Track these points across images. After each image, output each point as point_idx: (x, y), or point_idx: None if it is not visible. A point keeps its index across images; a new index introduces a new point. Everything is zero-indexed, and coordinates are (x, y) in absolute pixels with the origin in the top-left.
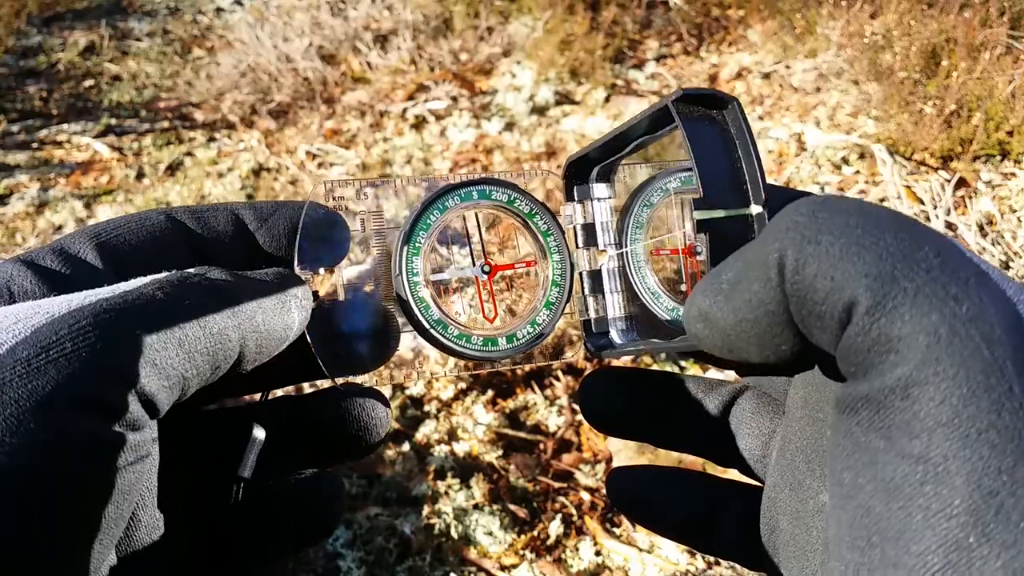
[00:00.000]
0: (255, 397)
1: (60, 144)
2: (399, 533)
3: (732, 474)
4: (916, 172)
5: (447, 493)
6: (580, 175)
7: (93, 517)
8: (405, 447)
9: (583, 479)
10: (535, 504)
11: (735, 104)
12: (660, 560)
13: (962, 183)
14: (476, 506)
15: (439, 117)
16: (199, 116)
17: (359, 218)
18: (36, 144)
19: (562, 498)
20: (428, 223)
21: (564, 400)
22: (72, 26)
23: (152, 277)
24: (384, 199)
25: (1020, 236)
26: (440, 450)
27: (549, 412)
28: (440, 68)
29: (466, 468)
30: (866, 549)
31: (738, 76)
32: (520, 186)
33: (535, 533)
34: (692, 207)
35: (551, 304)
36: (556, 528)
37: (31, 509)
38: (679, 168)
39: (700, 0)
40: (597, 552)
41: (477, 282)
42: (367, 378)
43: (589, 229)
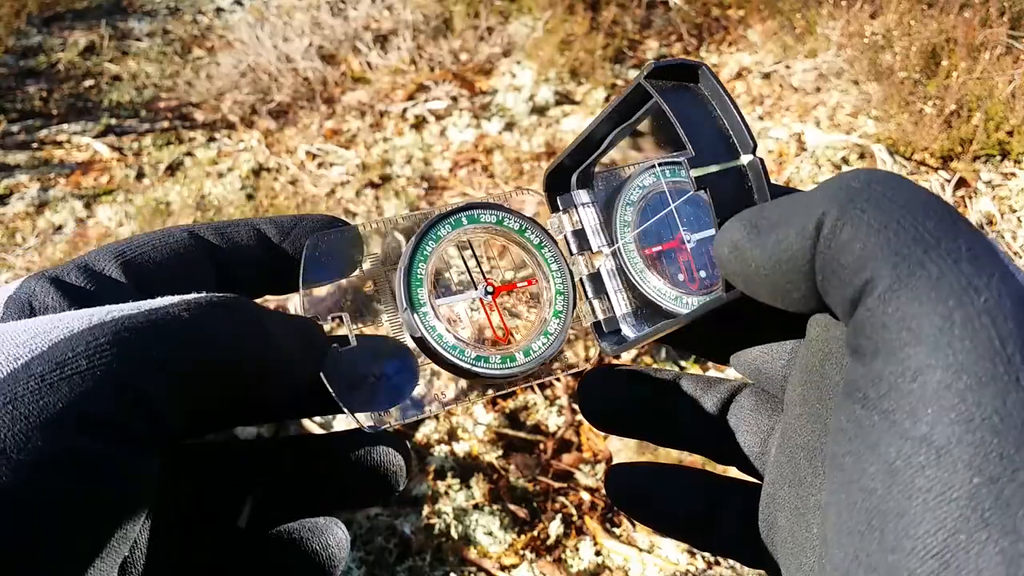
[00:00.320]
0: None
1: (60, 144)
2: (399, 533)
3: (732, 472)
4: (916, 172)
5: (447, 493)
6: (560, 185)
7: (97, 537)
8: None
9: (583, 479)
10: (535, 504)
11: (704, 68)
12: (660, 560)
13: (962, 183)
14: (476, 506)
15: (439, 117)
16: (199, 116)
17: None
18: (36, 144)
19: (562, 498)
20: (425, 254)
21: (564, 400)
22: (72, 26)
23: (180, 297)
24: (373, 238)
25: (1020, 236)
26: (440, 450)
27: (549, 412)
28: (440, 68)
29: (466, 468)
30: (866, 533)
31: (738, 76)
32: (507, 205)
33: (535, 533)
34: (687, 167)
35: (559, 313)
36: (556, 528)
37: (33, 526)
38: (650, 163)
39: (700, 0)
40: (597, 552)
41: (483, 304)
42: (393, 418)
43: (579, 235)
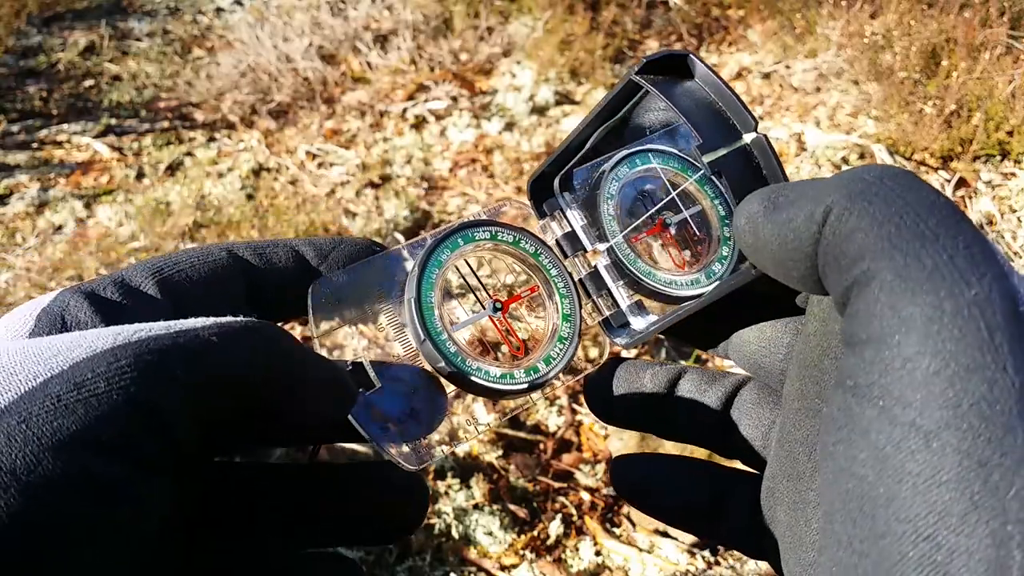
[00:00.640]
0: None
1: (60, 144)
2: None
3: (738, 464)
4: (916, 172)
5: (447, 493)
6: (543, 191)
7: (108, 559)
8: (405, 447)
9: (583, 479)
10: (535, 504)
11: (691, 56)
12: (660, 560)
13: (962, 183)
14: (476, 506)
15: (439, 117)
16: (199, 116)
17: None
18: (36, 144)
19: (562, 498)
20: (432, 281)
21: (564, 400)
22: (72, 26)
23: (213, 320)
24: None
25: (1020, 236)
26: (440, 450)
27: (549, 412)
28: (440, 68)
29: (466, 468)
30: (858, 519)
31: (738, 76)
32: (497, 219)
33: (535, 533)
34: (698, 154)
35: (568, 317)
36: (556, 528)
37: (42, 549)
38: (621, 156)
39: (700, 0)
40: (597, 552)
41: (493, 322)
42: (435, 454)
43: (570, 237)
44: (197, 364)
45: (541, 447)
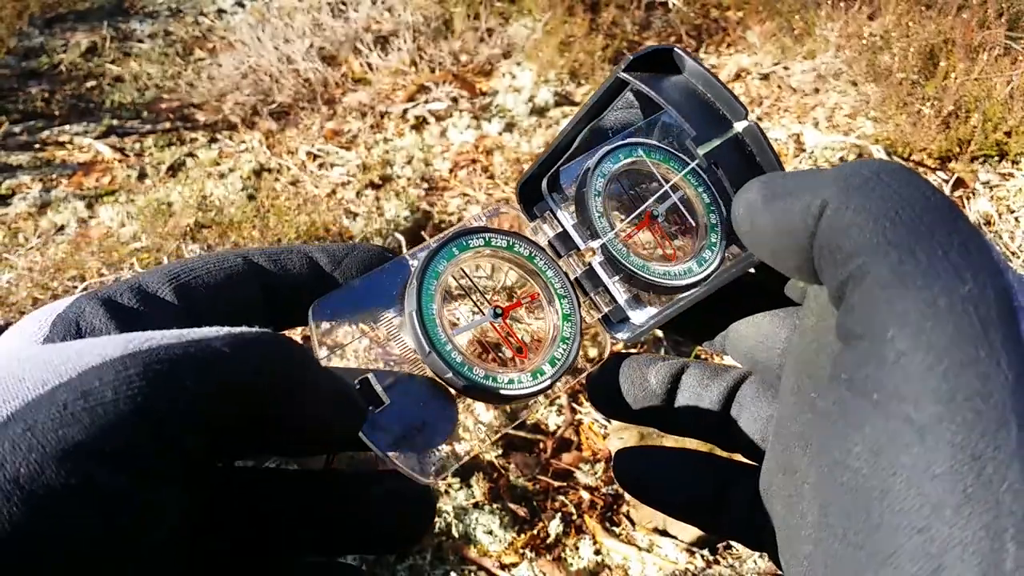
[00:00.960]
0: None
1: (62, 145)
2: None
3: (739, 456)
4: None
5: (447, 492)
6: (532, 195)
7: (110, 573)
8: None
9: (583, 478)
10: (535, 503)
11: (677, 50)
12: (660, 559)
13: (960, 184)
14: (476, 505)
15: (439, 118)
16: (201, 117)
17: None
18: (38, 145)
19: (562, 497)
20: (431, 292)
21: (564, 399)
22: (74, 27)
23: (227, 330)
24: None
25: (1018, 236)
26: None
27: (549, 411)
28: (440, 69)
29: (466, 467)
30: (852, 512)
31: (737, 77)
32: (489, 225)
33: (535, 532)
34: (693, 146)
35: (568, 317)
36: (556, 527)
37: (43, 559)
38: (604, 152)
39: (699, 2)
40: (597, 551)
41: (495, 328)
42: (449, 466)
43: (561, 237)
44: (207, 375)
45: (541, 446)
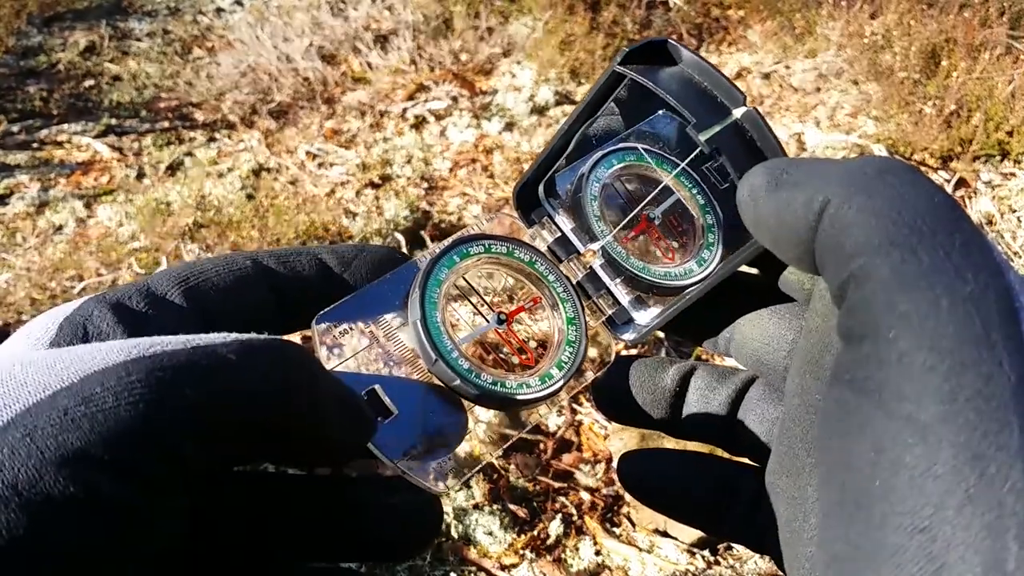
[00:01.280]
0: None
1: (60, 144)
2: None
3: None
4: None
5: (447, 493)
6: (529, 200)
7: None
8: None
9: (583, 479)
10: (535, 504)
11: (670, 41)
12: (660, 560)
13: (962, 183)
14: (476, 506)
15: (439, 117)
16: (199, 116)
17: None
18: (36, 144)
19: (562, 498)
20: (434, 301)
21: (564, 400)
22: (72, 26)
23: (234, 336)
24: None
25: (1020, 236)
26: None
27: (549, 412)
28: (440, 68)
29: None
30: (854, 513)
31: (738, 76)
32: (487, 233)
33: (535, 533)
34: (694, 133)
35: (572, 321)
36: (556, 528)
37: (38, 568)
38: (597, 157)
39: (700, 0)
40: (597, 552)
41: (499, 334)
42: (463, 473)
43: (561, 241)
44: (211, 382)
45: (541, 447)
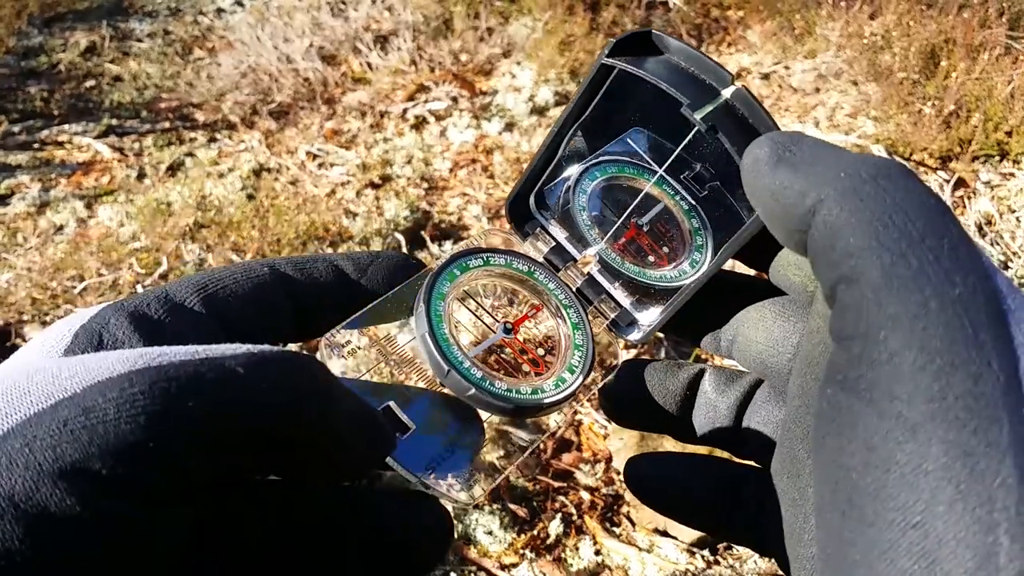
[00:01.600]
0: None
1: (61, 144)
2: None
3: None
4: (915, 172)
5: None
6: (521, 212)
7: None
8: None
9: (583, 479)
10: (535, 504)
11: (653, 33)
12: (660, 560)
13: (961, 183)
14: (476, 505)
15: (439, 117)
16: (200, 116)
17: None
18: (37, 144)
19: (562, 497)
20: (439, 313)
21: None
22: (73, 27)
23: (245, 348)
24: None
25: (1019, 236)
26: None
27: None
28: (440, 69)
29: None
30: (847, 511)
31: (737, 77)
32: (485, 246)
33: (535, 532)
34: (689, 112)
35: (577, 326)
36: (556, 527)
37: None
38: (581, 170)
39: (700, 1)
40: (597, 551)
41: (507, 344)
42: (484, 485)
43: (557, 250)
44: (216, 395)
45: (541, 446)
